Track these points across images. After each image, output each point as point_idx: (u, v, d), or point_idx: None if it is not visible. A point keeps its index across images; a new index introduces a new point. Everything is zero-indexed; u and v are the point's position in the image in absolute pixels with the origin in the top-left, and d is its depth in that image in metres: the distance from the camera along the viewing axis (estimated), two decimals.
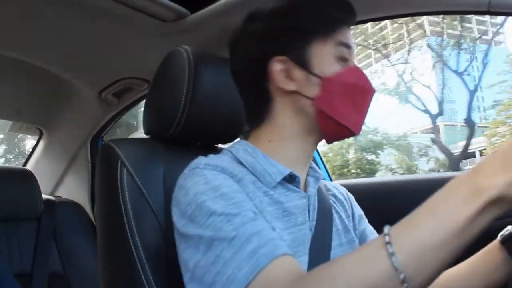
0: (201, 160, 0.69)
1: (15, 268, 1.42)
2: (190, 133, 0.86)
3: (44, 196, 1.60)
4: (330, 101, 0.71)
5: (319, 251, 0.71)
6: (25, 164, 1.96)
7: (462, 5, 1.01)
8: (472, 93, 10.14)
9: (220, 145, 0.95)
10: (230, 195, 0.61)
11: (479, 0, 0.95)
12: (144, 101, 0.95)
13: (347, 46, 0.73)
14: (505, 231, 0.76)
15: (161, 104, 0.86)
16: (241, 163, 0.72)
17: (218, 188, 0.62)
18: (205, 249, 0.58)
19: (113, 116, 1.70)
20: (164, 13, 1.18)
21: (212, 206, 0.60)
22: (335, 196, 0.86)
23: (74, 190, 1.82)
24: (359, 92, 0.73)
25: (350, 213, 0.86)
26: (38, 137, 1.93)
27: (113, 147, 0.80)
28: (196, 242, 0.59)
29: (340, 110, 0.71)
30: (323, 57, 0.72)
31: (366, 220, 0.89)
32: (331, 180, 1.46)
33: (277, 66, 0.72)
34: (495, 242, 0.76)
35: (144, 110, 0.89)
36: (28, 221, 1.52)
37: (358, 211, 0.89)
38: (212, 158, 0.69)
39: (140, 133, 0.95)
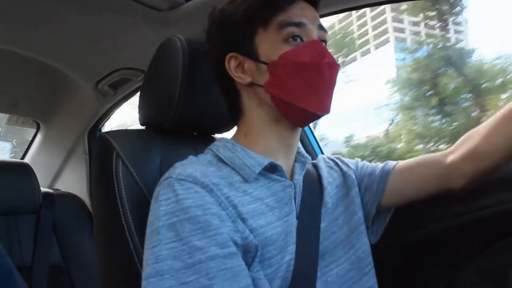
0: (175, 169, 0.67)
1: (15, 261, 1.42)
2: (186, 123, 0.85)
3: (43, 189, 1.60)
4: (280, 85, 0.70)
5: (307, 237, 0.71)
6: (23, 158, 1.96)
7: None
8: None
9: (216, 135, 0.94)
10: (198, 220, 0.60)
11: None
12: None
13: (296, 24, 0.70)
14: None
15: (156, 95, 0.85)
16: (222, 160, 0.72)
17: (188, 209, 0.61)
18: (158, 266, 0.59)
19: (110, 107, 1.70)
20: (158, 2, 1.17)
21: (179, 231, 0.59)
22: (321, 170, 0.84)
23: (73, 182, 1.82)
24: (312, 69, 0.69)
25: (341, 179, 0.84)
26: (35, 130, 1.92)
27: (108, 139, 0.80)
28: (155, 255, 0.60)
29: (293, 92, 0.69)
30: (268, 42, 0.71)
31: (361, 162, 0.88)
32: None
33: (232, 63, 0.74)
34: None
35: (139, 101, 0.88)
36: (27, 214, 1.52)
37: (350, 164, 0.87)
38: (186, 166, 0.67)
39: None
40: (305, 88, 0.69)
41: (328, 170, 0.85)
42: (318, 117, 0.73)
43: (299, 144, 0.80)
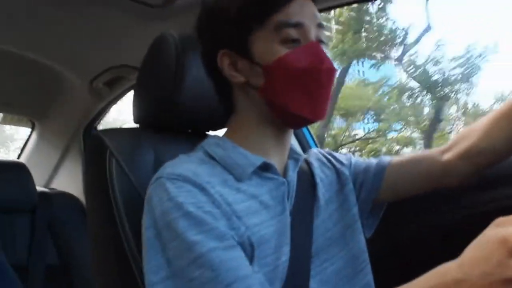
0: (165, 168, 0.66)
1: (11, 261, 1.42)
2: (180, 120, 0.84)
3: (39, 188, 1.60)
4: (275, 89, 0.67)
5: (301, 236, 0.70)
6: (18, 157, 1.95)
7: None
8: None
9: (211, 132, 0.93)
10: (192, 216, 0.59)
11: None
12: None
13: (295, 25, 0.66)
14: None
15: (149, 92, 0.84)
16: (213, 158, 0.70)
17: (181, 205, 0.60)
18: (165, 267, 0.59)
19: (105, 105, 1.69)
20: None
21: (175, 229, 0.59)
22: (314, 165, 0.82)
23: (69, 181, 1.81)
24: (309, 74, 0.66)
25: (335, 175, 0.82)
26: (30, 129, 1.91)
27: (102, 138, 0.79)
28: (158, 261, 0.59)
29: (288, 98, 0.66)
30: (264, 43, 0.66)
31: (353, 158, 0.87)
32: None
33: (224, 60, 0.70)
34: None
35: (133, 99, 0.88)
36: (23, 213, 1.52)
37: (344, 158, 0.86)
38: (176, 165, 0.66)
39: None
40: (301, 94, 0.66)
41: (320, 165, 0.83)
42: (313, 122, 0.72)
43: (292, 141, 0.79)
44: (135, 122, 0.88)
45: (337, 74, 0.71)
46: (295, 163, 0.76)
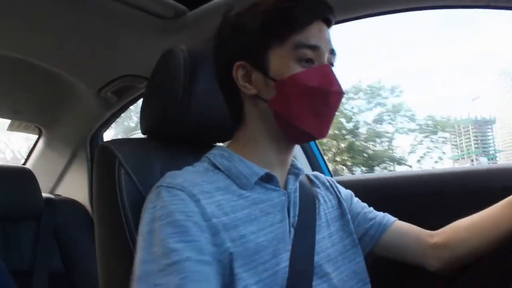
0: (166, 178, 0.69)
1: (15, 267, 1.42)
2: (187, 132, 0.85)
3: (44, 195, 1.60)
4: (285, 104, 0.70)
5: (303, 246, 0.72)
6: (24, 163, 1.96)
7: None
8: None
9: (218, 144, 0.94)
10: (178, 224, 0.62)
11: None
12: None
13: (311, 47, 0.70)
14: None
15: (158, 104, 0.85)
16: (218, 168, 0.73)
17: (171, 213, 0.63)
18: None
19: (113, 114, 1.70)
20: (163, 10, 1.18)
21: (159, 235, 0.62)
22: (318, 187, 0.86)
23: (74, 188, 1.82)
24: (319, 94, 0.70)
25: (336, 201, 0.87)
26: (37, 135, 1.92)
27: (111, 148, 0.80)
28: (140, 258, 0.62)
29: (296, 113, 0.70)
30: (280, 60, 0.70)
31: (354, 197, 0.91)
32: (332, 176, 1.45)
33: (239, 72, 0.73)
34: None
35: (141, 110, 0.88)
36: (28, 219, 1.52)
37: (345, 193, 0.90)
38: (176, 175, 0.69)
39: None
40: (309, 111, 0.70)
41: (324, 189, 0.87)
42: (315, 139, 0.77)
43: (302, 161, 0.81)
44: (143, 133, 0.89)
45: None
46: (295, 177, 0.79)
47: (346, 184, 0.96)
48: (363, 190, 0.98)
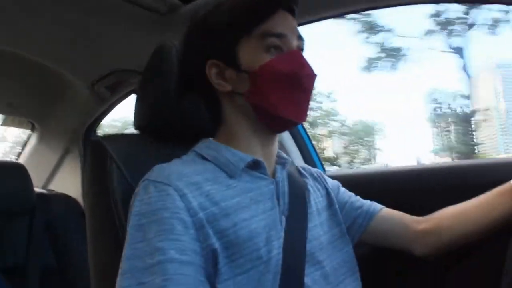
0: (153, 171, 0.70)
1: (8, 262, 1.42)
2: (180, 128, 0.85)
3: (37, 190, 1.60)
4: (260, 94, 0.72)
5: (295, 233, 0.73)
6: (17, 158, 1.94)
7: None
8: None
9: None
10: (164, 222, 0.63)
11: None
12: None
13: (278, 35, 0.72)
14: None
15: (150, 99, 0.85)
16: (205, 158, 0.74)
17: (157, 211, 0.64)
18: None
19: (106, 109, 1.69)
20: (157, 5, 1.17)
21: (146, 233, 0.62)
22: (307, 178, 0.87)
23: (67, 183, 1.81)
24: (292, 79, 0.72)
25: (324, 192, 0.88)
26: (30, 130, 1.91)
27: (102, 144, 0.79)
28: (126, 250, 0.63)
29: (272, 101, 0.71)
30: (249, 51, 0.72)
31: (341, 187, 0.92)
32: (324, 171, 1.46)
33: (212, 70, 0.75)
34: (507, 187, 0.78)
35: (134, 106, 0.88)
36: (21, 215, 1.52)
37: (332, 183, 0.91)
38: (164, 168, 0.70)
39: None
40: (285, 97, 0.72)
41: (312, 179, 0.89)
42: (295, 124, 0.78)
43: (295, 156, 0.81)
44: (136, 128, 0.89)
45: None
46: (282, 167, 0.80)
47: (337, 179, 0.96)
48: (354, 184, 0.98)
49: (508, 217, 0.76)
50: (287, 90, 0.72)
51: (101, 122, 1.80)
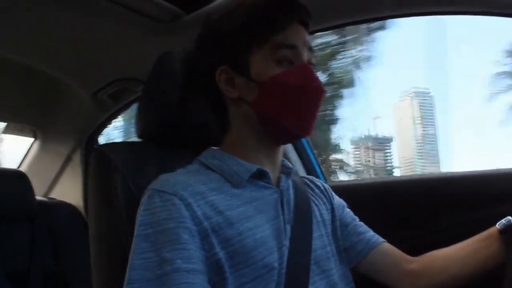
0: (158, 180, 0.70)
1: (10, 269, 1.41)
2: (182, 135, 0.86)
3: (38, 198, 1.59)
4: (267, 104, 0.72)
5: (299, 242, 0.73)
6: (19, 166, 1.94)
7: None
8: None
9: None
10: (170, 232, 0.63)
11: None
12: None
13: (290, 47, 0.72)
14: (504, 220, 0.76)
15: (153, 108, 0.85)
16: (210, 168, 0.74)
17: (163, 221, 0.64)
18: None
19: (108, 117, 1.69)
20: (159, 14, 1.18)
21: (153, 243, 0.63)
22: (313, 190, 0.87)
23: (68, 191, 1.81)
24: (299, 92, 0.72)
25: (329, 206, 0.87)
26: (32, 138, 1.91)
27: (106, 152, 0.80)
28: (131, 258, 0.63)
29: (278, 112, 0.72)
30: (261, 61, 0.73)
31: (346, 208, 0.91)
32: (326, 182, 1.46)
33: (222, 76, 0.75)
34: (493, 231, 0.77)
35: (137, 114, 0.88)
36: (22, 222, 1.51)
37: (338, 201, 0.91)
38: (169, 178, 0.70)
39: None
40: (291, 110, 0.72)
41: (319, 192, 0.88)
42: (299, 137, 0.75)
43: (298, 166, 0.81)
44: (139, 136, 0.89)
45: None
46: (287, 176, 0.80)
47: (339, 189, 0.96)
48: (357, 194, 0.98)
49: (494, 260, 0.75)
50: (294, 103, 0.72)
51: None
